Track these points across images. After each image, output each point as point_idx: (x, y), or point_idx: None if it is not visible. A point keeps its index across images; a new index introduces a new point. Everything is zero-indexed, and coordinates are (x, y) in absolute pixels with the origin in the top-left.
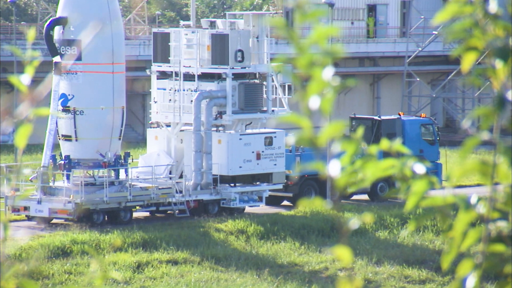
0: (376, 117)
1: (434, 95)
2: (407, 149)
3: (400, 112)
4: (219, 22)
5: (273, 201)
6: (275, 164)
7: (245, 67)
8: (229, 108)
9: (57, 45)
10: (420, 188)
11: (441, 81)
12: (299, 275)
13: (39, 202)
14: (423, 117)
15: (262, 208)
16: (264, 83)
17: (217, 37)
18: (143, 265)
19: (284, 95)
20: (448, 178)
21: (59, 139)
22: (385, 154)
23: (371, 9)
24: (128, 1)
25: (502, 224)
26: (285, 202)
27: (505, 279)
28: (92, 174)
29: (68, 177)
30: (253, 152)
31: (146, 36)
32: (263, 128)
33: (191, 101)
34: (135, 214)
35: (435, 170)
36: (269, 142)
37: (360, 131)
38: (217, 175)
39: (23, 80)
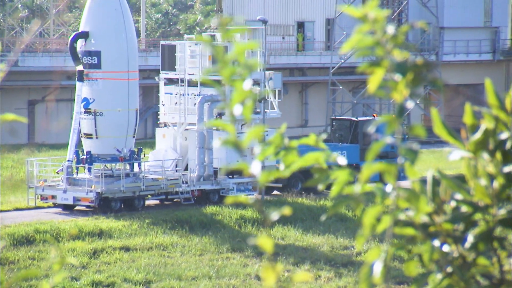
0: (354, 118)
1: (355, 101)
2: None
3: (374, 114)
4: (218, 35)
5: (265, 190)
6: (267, 158)
7: None
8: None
9: (80, 55)
10: (342, 178)
11: (361, 89)
12: (236, 260)
13: (65, 191)
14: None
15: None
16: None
17: None
18: (98, 252)
19: (275, 98)
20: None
21: (82, 137)
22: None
23: (300, 26)
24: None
25: (410, 214)
26: (275, 192)
27: (412, 258)
28: (110, 167)
29: (89, 169)
30: (248, 148)
31: None
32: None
33: (195, 104)
34: (147, 202)
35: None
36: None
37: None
38: (217, 168)
39: None
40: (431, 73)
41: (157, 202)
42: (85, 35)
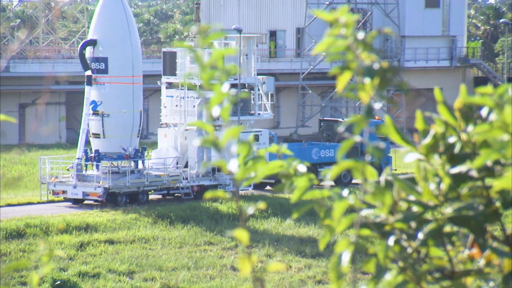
0: (340, 119)
1: (323, 105)
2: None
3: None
4: (215, 43)
5: (259, 186)
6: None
7: (237, 79)
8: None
9: (88, 61)
10: (302, 184)
11: (329, 93)
12: (213, 252)
13: (75, 186)
14: (377, 119)
15: (250, 192)
16: (252, 91)
17: None
18: (85, 245)
19: (268, 101)
20: (324, 176)
21: (90, 136)
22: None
23: (272, 34)
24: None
25: (368, 212)
26: (268, 187)
27: (370, 257)
28: (116, 165)
29: (97, 167)
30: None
31: None
32: (251, 128)
33: (194, 106)
34: (150, 197)
35: (387, 161)
36: (256, 138)
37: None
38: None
39: None
40: (396, 77)
41: (160, 196)
42: (93, 42)
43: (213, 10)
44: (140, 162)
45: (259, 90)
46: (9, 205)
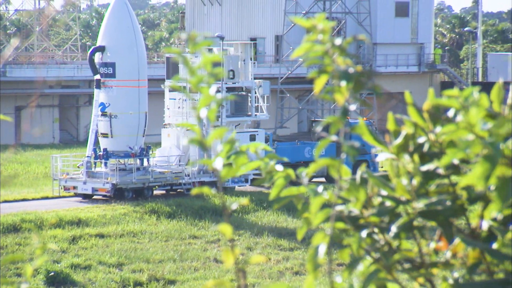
0: None
1: (300, 107)
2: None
3: (347, 116)
4: (215, 49)
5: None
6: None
7: (235, 82)
8: (224, 113)
9: (97, 66)
10: (280, 182)
11: (306, 96)
12: (197, 245)
13: (85, 182)
14: (365, 120)
15: (247, 188)
16: (249, 94)
17: None
18: (77, 238)
19: (264, 103)
20: (300, 174)
21: (99, 136)
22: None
23: (253, 41)
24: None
25: (342, 208)
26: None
27: (345, 247)
28: (123, 162)
29: (106, 164)
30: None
31: (79, 61)
32: (248, 128)
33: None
34: (155, 192)
35: (373, 160)
36: (252, 138)
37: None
38: None
39: None
40: (371, 81)
41: (163, 192)
42: (102, 49)
43: (197, 18)
44: (145, 160)
45: (255, 93)
46: (6, 201)
